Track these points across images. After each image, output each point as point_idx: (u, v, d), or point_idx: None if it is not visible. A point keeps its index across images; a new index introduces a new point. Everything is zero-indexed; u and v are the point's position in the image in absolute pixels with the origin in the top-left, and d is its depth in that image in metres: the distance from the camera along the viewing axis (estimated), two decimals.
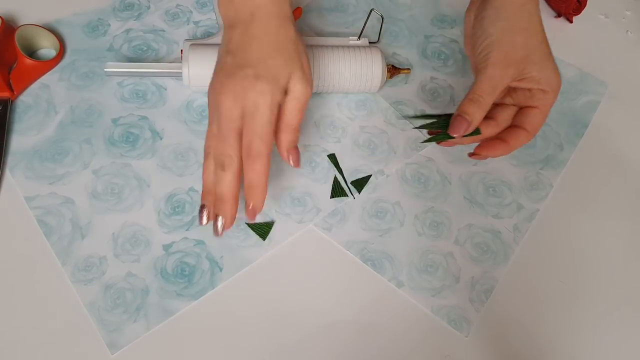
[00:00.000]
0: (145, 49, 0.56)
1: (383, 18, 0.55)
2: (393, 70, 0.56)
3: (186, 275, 0.44)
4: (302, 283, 0.45)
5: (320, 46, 0.53)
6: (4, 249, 0.44)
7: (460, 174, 0.52)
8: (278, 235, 0.47)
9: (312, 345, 0.42)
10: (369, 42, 0.55)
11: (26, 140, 0.49)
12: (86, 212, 0.46)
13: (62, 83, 0.53)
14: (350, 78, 0.53)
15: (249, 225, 0.46)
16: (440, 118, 0.45)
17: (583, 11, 0.67)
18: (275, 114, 0.39)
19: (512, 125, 0.46)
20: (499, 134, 0.46)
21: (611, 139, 0.57)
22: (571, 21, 0.67)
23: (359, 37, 0.55)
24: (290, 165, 0.42)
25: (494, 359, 0.43)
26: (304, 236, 0.47)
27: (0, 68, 0.51)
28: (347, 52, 0.53)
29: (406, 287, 0.46)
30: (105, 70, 0.52)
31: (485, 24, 0.43)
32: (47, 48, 0.55)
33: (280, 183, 0.49)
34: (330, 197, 0.49)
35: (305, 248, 0.47)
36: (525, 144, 0.45)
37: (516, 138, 0.45)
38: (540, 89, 0.43)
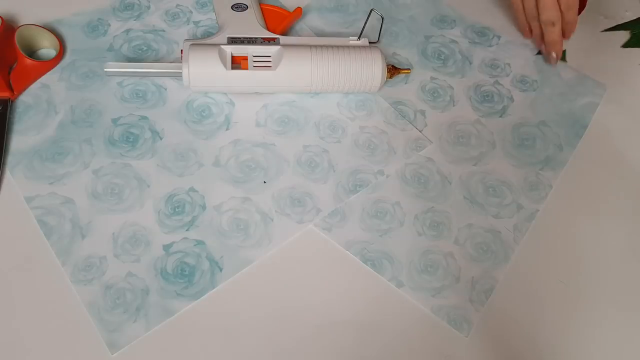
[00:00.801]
0: (145, 49, 0.56)
1: (383, 18, 0.55)
2: (393, 70, 0.56)
3: (186, 276, 0.44)
4: (302, 283, 0.45)
5: (320, 46, 0.53)
6: (4, 248, 0.44)
7: (460, 174, 0.52)
8: (278, 236, 0.47)
9: (312, 345, 0.42)
10: (369, 42, 0.55)
11: (26, 140, 0.49)
12: (86, 212, 0.46)
13: (62, 83, 0.53)
14: (350, 78, 0.53)
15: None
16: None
17: (583, 12, 0.67)
18: None
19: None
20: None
21: (610, 139, 0.57)
22: None
23: (359, 37, 0.55)
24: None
25: (494, 359, 0.43)
26: (304, 236, 0.47)
27: (0, 68, 0.51)
28: (347, 52, 0.53)
29: (406, 287, 0.46)
30: (105, 70, 0.52)
31: None
32: (47, 48, 0.55)
33: (280, 183, 0.49)
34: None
35: (305, 248, 0.47)
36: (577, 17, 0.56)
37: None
38: None
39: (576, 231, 0.51)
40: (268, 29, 0.56)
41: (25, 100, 0.51)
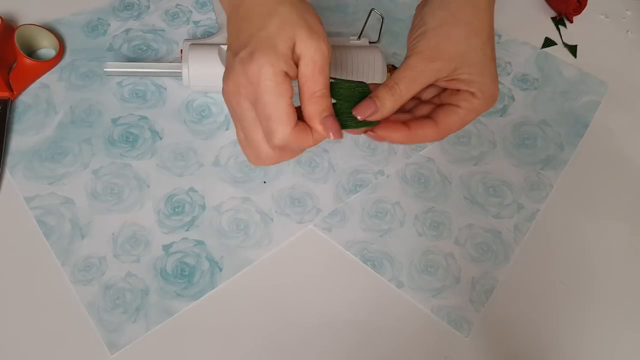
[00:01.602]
0: (145, 48, 0.56)
1: (383, 18, 0.55)
2: (393, 70, 0.56)
3: (186, 276, 0.44)
4: (302, 283, 0.45)
5: None
6: (3, 249, 0.44)
7: (460, 174, 0.52)
8: (278, 236, 0.47)
9: (312, 345, 0.42)
10: (369, 42, 0.55)
11: (26, 140, 0.49)
12: (86, 212, 0.46)
13: (62, 83, 0.53)
14: (350, 78, 0.53)
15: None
16: (357, 85, 0.39)
17: (583, 11, 0.67)
18: (283, 83, 0.33)
19: (425, 115, 0.39)
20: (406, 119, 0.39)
21: (611, 139, 0.57)
22: (571, 21, 0.67)
23: (359, 37, 0.55)
24: (331, 138, 0.34)
25: (494, 359, 0.43)
26: (304, 236, 0.47)
27: (0, 68, 0.51)
28: (347, 52, 0.53)
29: (406, 288, 0.45)
30: (105, 70, 0.52)
31: (425, 13, 0.38)
32: (47, 48, 0.55)
33: (280, 183, 0.49)
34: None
35: (305, 248, 0.47)
36: (429, 140, 0.38)
37: (421, 128, 0.37)
38: (470, 92, 0.37)
39: (577, 231, 0.51)
40: None
41: (25, 100, 0.51)
